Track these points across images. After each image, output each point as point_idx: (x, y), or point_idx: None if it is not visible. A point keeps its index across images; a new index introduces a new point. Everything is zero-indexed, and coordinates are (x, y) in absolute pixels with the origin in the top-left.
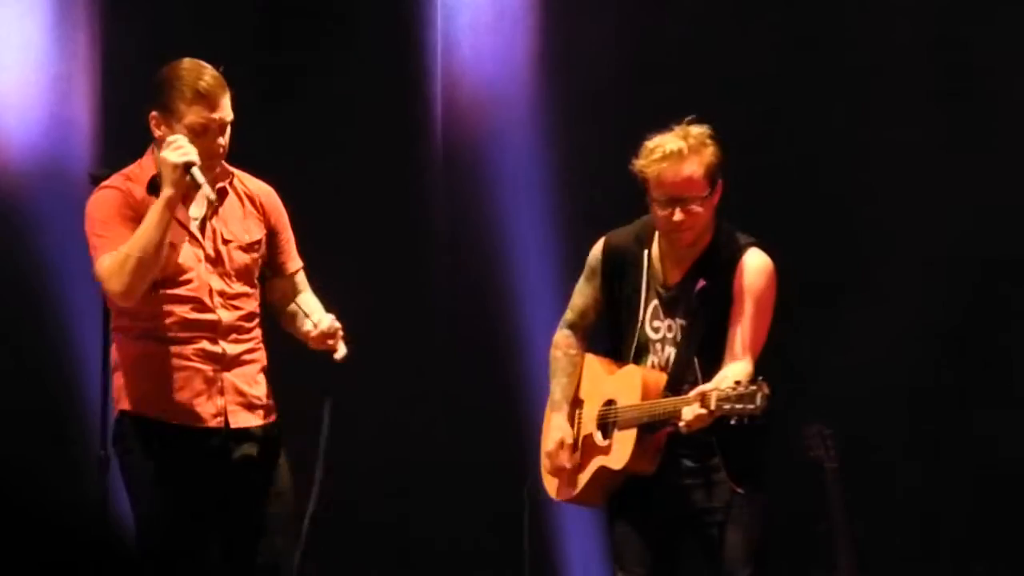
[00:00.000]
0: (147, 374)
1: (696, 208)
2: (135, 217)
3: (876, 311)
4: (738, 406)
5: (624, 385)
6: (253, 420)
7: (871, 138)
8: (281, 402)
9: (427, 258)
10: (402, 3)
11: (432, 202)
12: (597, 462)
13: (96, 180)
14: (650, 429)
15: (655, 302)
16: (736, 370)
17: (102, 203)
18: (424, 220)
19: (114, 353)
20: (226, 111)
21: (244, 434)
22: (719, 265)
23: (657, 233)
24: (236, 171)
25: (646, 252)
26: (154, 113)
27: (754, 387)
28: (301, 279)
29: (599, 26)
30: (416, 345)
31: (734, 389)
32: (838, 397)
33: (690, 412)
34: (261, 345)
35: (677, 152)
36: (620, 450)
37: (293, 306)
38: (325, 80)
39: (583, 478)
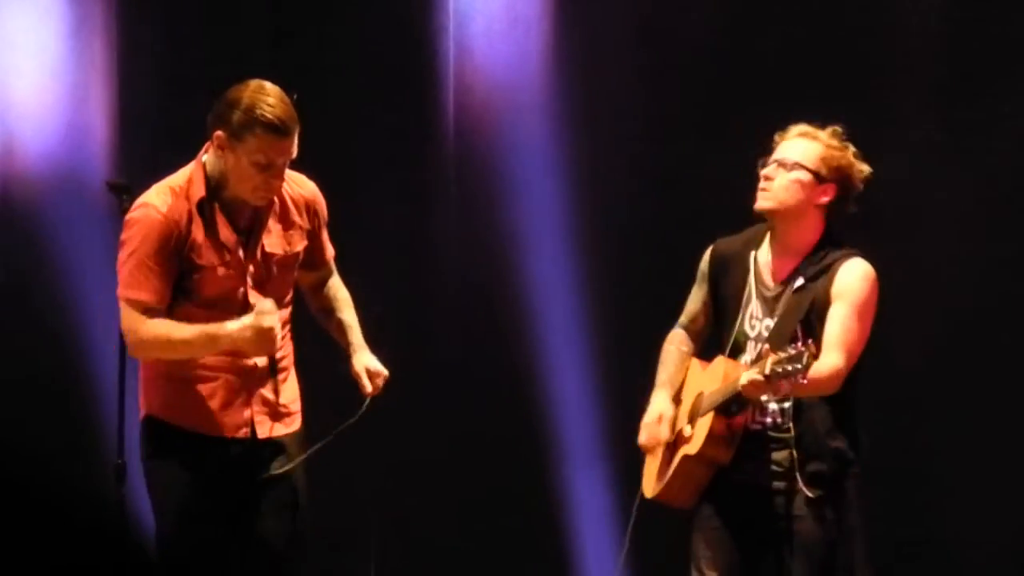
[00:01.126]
0: (176, 384)
1: (782, 173)
2: (175, 250)
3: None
4: (788, 367)
5: (711, 377)
6: (280, 429)
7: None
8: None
9: (439, 264)
10: (415, 10)
11: (444, 209)
12: (681, 452)
13: (112, 188)
14: (725, 412)
15: (756, 301)
16: (821, 361)
17: (144, 231)
18: (436, 226)
19: (142, 361)
20: (293, 149)
21: (270, 444)
22: (820, 268)
23: (768, 236)
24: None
25: (753, 254)
26: (220, 133)
27: (802, 348)
28: (332, 265)
29: (613, 32)
30: (427, 351)
31: (785, 353)
32: None
33: (746, 377)
34: (290, 351)
35: (804, 130)
36: (697, 435)
37: (338, 316)
38: (337, 86)
39: (669, 470)
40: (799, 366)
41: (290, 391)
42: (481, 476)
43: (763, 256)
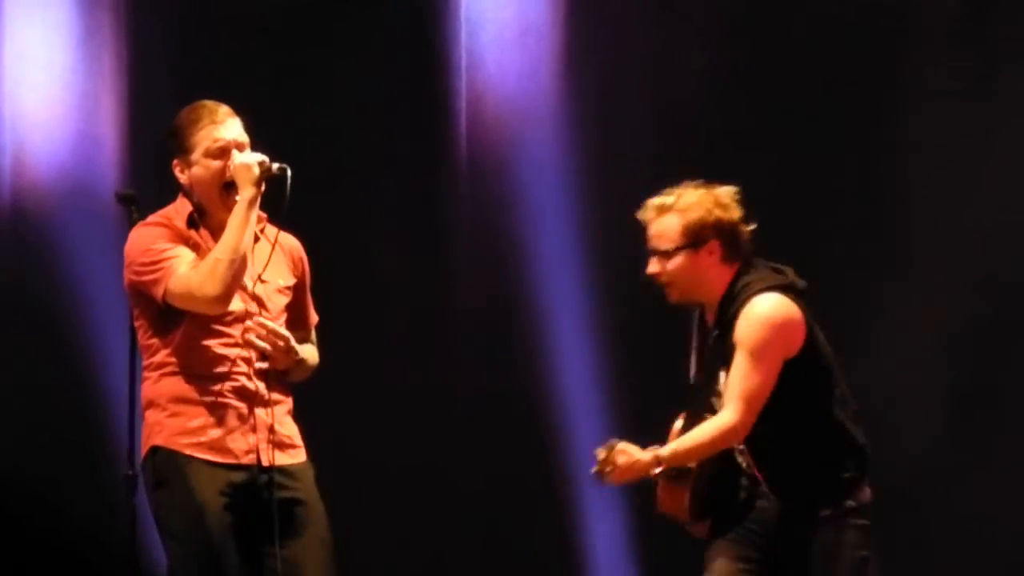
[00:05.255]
0: (182, 410)
1: (664, 264)
2: (186, 243)
3: (905, 312)
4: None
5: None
6: (284, 459)
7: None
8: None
9: (452, 272)
10: (426, 19)
11: (457, 217)
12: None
13: (122, 199)
14: (673, 478)
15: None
16: (712, 420)
17: (149, 235)
18: (449, 235)
19: (146, 391)
20: (238, 133)
21: (276, 472)
22: (728, 317)
23: None
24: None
25: (697, 311)
26: (176, 161)
27: (603, 449)
28: (313, 334)
29: (623, 40)
30: (441, 358)
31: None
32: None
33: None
34: (289, 386)
35: (657, 205)
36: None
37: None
38: (349, 96)
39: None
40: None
41: (290, 427)
42: (484, 480)
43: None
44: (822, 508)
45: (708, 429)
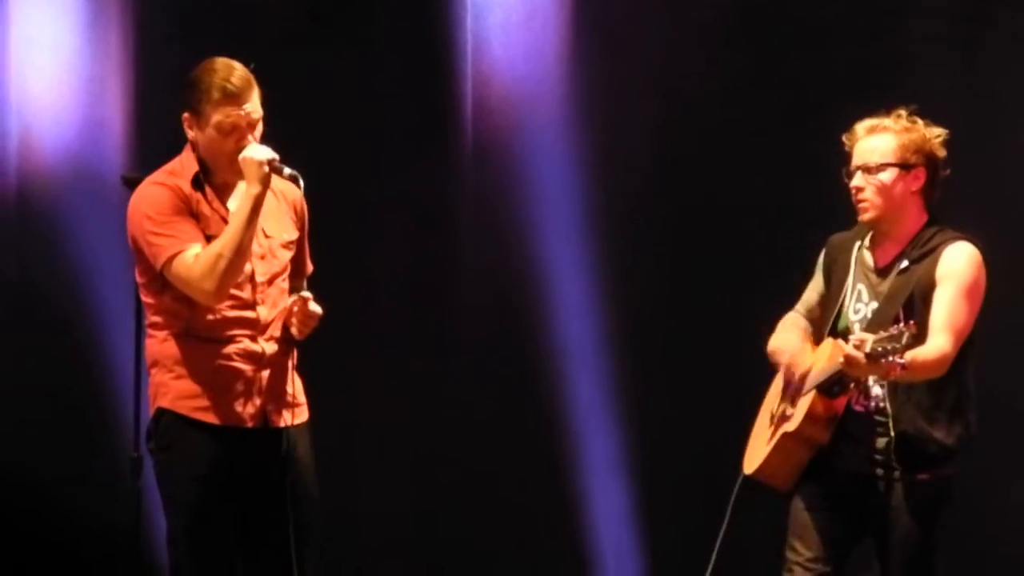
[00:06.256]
0: (187, 373)
1: (869, 179)
2: (190, 212)
3: None
4: (888, 346)
5: (819, 357)
6: (289, 419)
7: None
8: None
9: (457, 257)
10: (432, 3)
11: (462, 201)
12: (781, 430)
13: (129, 183)
14: (827, 393)
15: (861, 286)
16: (928, 344)
17: (154, 200)
18: (454, 219)
19: (150, 350)
20: (254, 107)
21: (281, 434)
22: (925, 251)
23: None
24: None
25: (858, 243)
26: (186, 115)
27: (903, 328)
28: (305, 284)
29: (631, 24)
30: (444, 343)
31: (886, 332)
32: None
33: (845, 354)
34: (292, 340)
35: (871, 124)
36: (798, 413)
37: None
38: (354, 80)
39: (768, 447)
40: (898, 345)
41: (297, 384)
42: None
43: (868, 243)
44: (926, 470)
45: (931, 351)
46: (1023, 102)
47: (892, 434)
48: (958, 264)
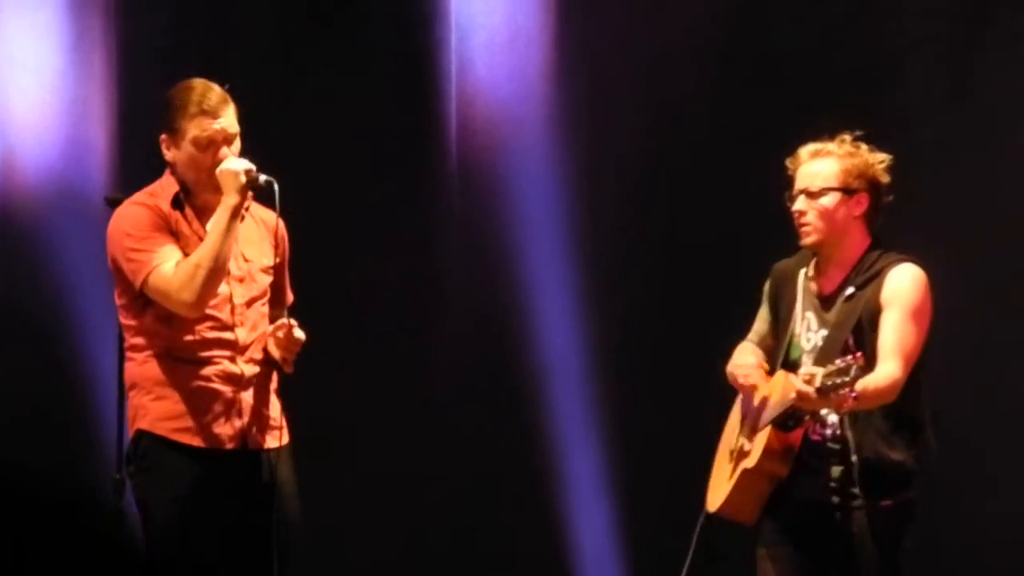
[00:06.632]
0: (166, 394)
1: (811, 203)
2: (170, 231)
3: None
4: (837, 380)
5: (772, 389)
6: (270, 442)
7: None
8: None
9: (442, 277)
10: (416, 23)
11: (447, 221)
12: (740, 466)
13: (112, 203)
14: (782, 427)
15: (810, 314)
16: (878, 371)
17: (133, 218)
18: (438, 238)
19: (130, 372)
20: (229, 123)
21: (261, 456)
22: (869, 276)
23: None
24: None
25: (803, 270)
26: (163, 136)
27: (851, 360)
28: (285, 314)
29: (614, 44)
30: (428, 360)
31: (834, 365)
32: None
33: (796, 390)
34: (272, 363)
35: (814, 149)
36: (755, 449)
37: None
38: (339, 98)
39: (730, 484)
40: (847, 378)
41: (274, 406)
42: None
43: (813, 272)
44: (888, 495)
45: (881, 378)
46: (1023, 102)
47: (853, 459)
48: (902, 287)
